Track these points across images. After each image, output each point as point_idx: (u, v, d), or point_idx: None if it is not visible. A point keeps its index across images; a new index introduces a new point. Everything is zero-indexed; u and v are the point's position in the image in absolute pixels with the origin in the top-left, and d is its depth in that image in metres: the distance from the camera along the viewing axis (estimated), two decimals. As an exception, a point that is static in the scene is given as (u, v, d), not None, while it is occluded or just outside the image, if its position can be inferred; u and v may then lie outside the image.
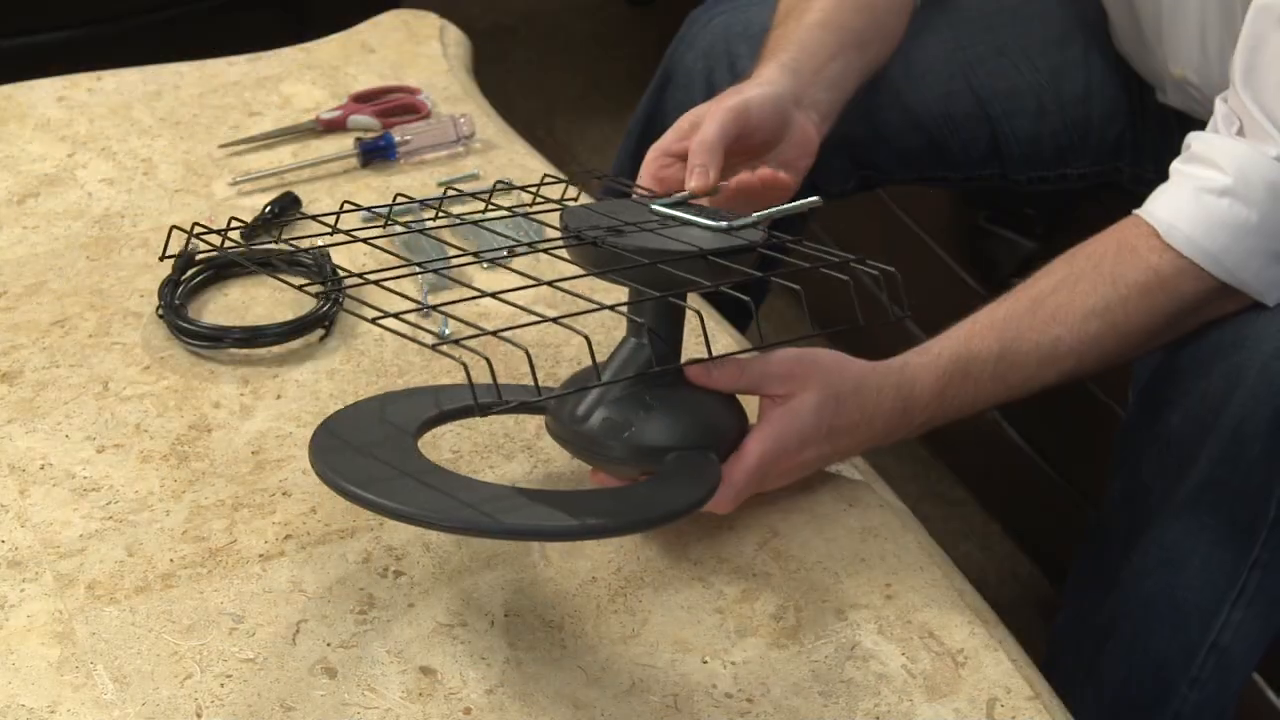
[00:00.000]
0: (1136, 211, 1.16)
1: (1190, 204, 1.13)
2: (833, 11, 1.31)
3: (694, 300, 1.27)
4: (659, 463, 1.06)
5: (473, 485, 1.01)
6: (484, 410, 1.05)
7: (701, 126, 1.17)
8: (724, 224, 1.09)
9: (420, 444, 1.11)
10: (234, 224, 1.10)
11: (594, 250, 1.05)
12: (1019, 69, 1.53)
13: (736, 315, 1.40)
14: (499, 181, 1.20)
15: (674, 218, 1.11)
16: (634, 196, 1.18)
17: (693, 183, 1.14)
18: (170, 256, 1.09)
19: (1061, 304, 1.14)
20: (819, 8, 1.31)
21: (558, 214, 1.12)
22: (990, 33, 1.54)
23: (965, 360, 1.13)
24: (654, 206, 1.12)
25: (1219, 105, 1.17)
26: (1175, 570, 1.19)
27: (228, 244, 1.08)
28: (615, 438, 1.06)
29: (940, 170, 1.56)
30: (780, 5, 1.35)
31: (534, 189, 1.20)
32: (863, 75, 1.33)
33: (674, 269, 1.02)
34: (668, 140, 1.19)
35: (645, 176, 1.20)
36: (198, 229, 1.07)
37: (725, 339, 1.31)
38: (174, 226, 1.10)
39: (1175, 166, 1.17)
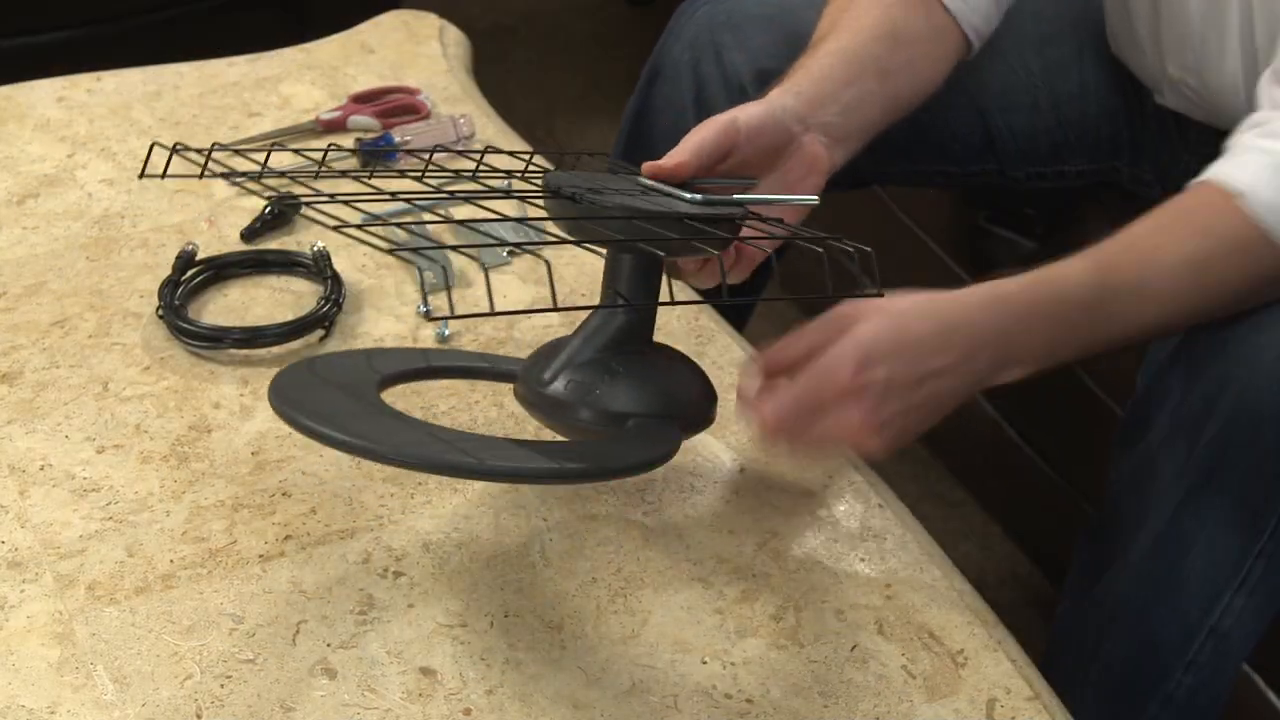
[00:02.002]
0: (1209, 178, 1.14)
1: (1273, 175, 1.11)
2: (850, 40, 1.29)
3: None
4: (620, 429, 1.05)
5: (438, 429, 1.01)
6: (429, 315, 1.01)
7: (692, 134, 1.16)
8: (699, 197, 1.08)
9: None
10: (217, 147, 1.09)
11: (570, 206, 1.03)
12: (1010, 65, 1.53)
13: (730, 313, 1.40)
14: (488, 146, 1.19)
15: (657, 189, 1.10)
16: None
17: (650, 162, 1.13)
18: (149, 176, 1.07)
19: (1160, 244, 1.12)
20: (836, 37, 1.29)
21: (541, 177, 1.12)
22: None
23: (1096, 291, 1.11)
24: (640, 180, 1.12)
25: (1273, 89, 1.16)
26: (1180, 552, 1.19)
27: (212, 165, 1.06)
28: (580, 401, 1.05)
29: (937, 164, 1.56)
30: (815, 33, 1.34)
31: (525, 155, 1.19)
32: (886, 105, 1.31)
33: (650, 226, 1.00)
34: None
35: None
36: (179, 146, 1.06)
37: (723, 338, 1.31)
38: (155, 143, 1.09)
39: (1250, 140, 1.15)
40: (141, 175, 1.07)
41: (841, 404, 1.04)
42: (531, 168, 1.17)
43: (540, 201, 1.07)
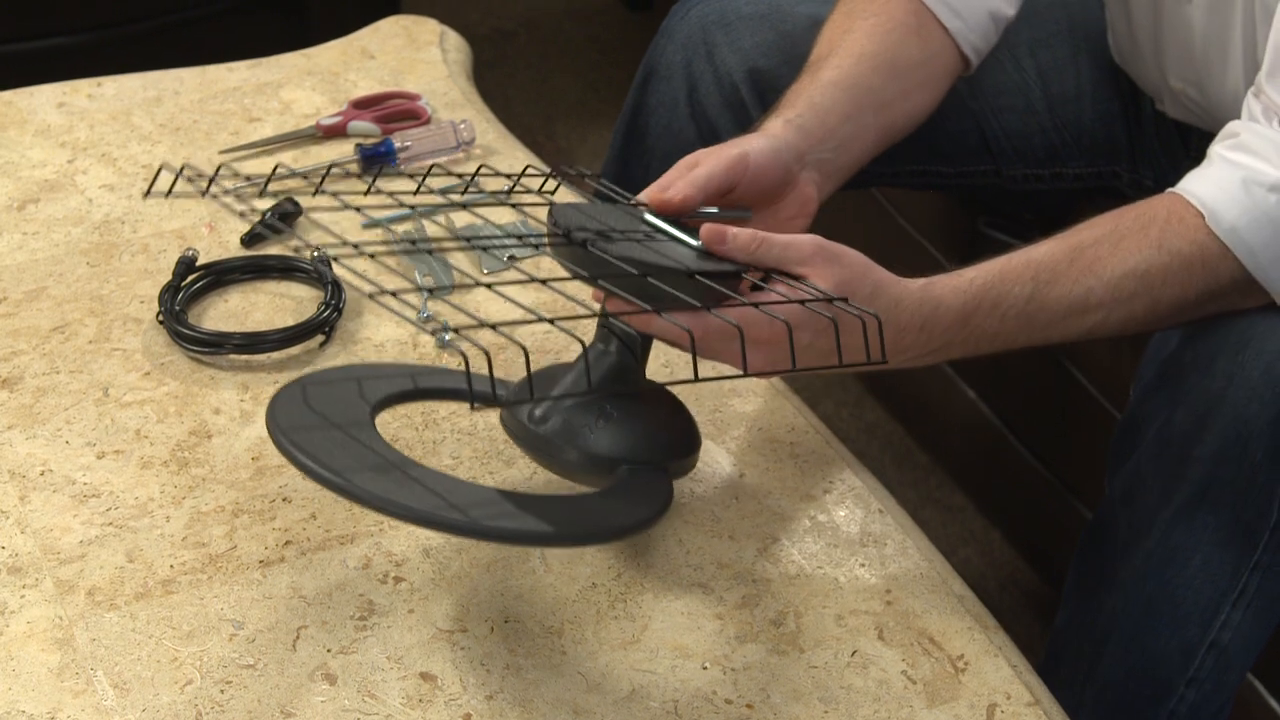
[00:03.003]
0: (1178, 191, 1.15)
1: (1239, 193, 1.12)
2: (850, 70, 1.27)
3: None
4: (610, 474, 1.06)
5: (428, 474, 1.01)
6: (474, 402, 1.01)
7: (699, 166, 1.15)
8: (699, 243, 1.07)
9: (421, 450, 1.11)
10: (224, 169, 1.09)
11: (579, 252, 1.03)
12: (1003, 66, 1.53)
13: None
14: (482, 165, 1.19)
15: (661, 230, 1.09)
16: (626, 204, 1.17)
17: (646, 192, 1.11)
18: (156, 194, 1.07)
19: (1101, 256, 1.13)
20: (837, 65, 1.27)
21: (545, 207, 1.12)
22: None
23: (997, 293, 1.11)
24: (644, 215, 1.11)
25: (1251, 100, 1.17)
26: (1176, 569, 1.19)
27: (214, 191, 1.07)
28: (570, 443, 1.05)
29: (932, 163, 1.56)
30: (812, 53, 1.33)
31: (515, 177, 1.19)
32: (879, 136, 1.29)
33: (660, 283, 1.00)
34: (665, 178, 1.15)
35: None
36: (188, 171, 1.06)
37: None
38: (164, 165, 1.10)
39: (1219, 152, 1.16)
40: (146, 195, 1.08)
41: (755, 346, 1.02)
42: (529, 181, 1.17)
43: (545, 213, 1.07)
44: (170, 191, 1.04)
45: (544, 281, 1.04)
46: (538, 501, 1.06)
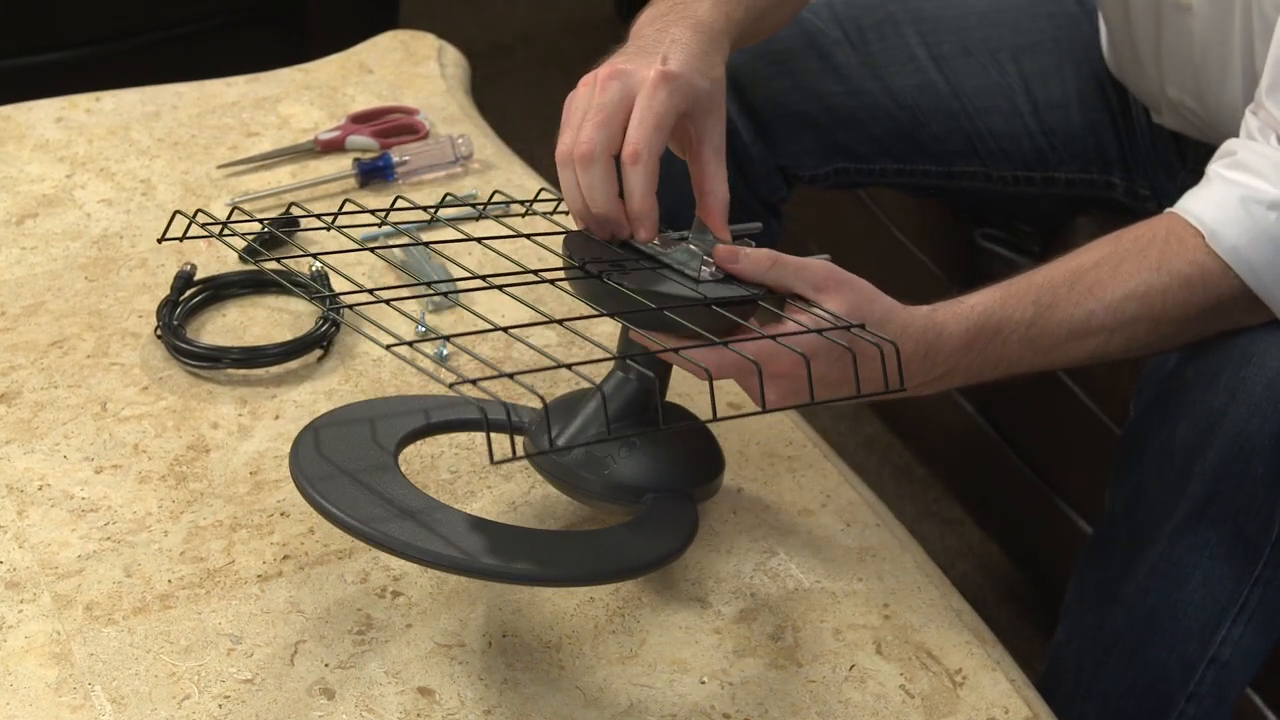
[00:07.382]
0: (1177, 211, 1.15)
1: (1238, 212, 1.13)
2: None
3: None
4: (635, 502, 1.06)
5: (452, 517, 1.01)
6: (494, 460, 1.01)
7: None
8: (715, 267, 1.06)
9: (419, 463, 1.11)
10: (236, 211, 1.10)
11: (595, 284, 1.03)
12: (987, 70, 1.54)
13: None
14: (496, 192, 1.20)
15: (672, 247, 1.08)
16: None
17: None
18: (170, 239, 1.08)
19: (1101, 280, 1.13)
20: None
21: (555, 231, 1.12)
22: (957, 33, 1.56)
23: (998, 318, 1.11)
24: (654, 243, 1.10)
25: (1250, 117, 1.17)
26: (1177, 584, 1.20)
27: (227, 234, 1.07)
28: (594, 473, 1.05)
29: (920, 160, 1.57)
30: None
31: (529, 202, 1.20)
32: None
33: (677, 317, 1.00)
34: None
35: None
36: (201, 217, 1.07)
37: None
38: (177, 211, 1.10)
39: (1217, 170, 1.16)
40: (161, 240, 1.08)
41: (772, 380, 1.03)
42: (540, 206, 1.17)
43: (559, 242, 1.07)
44: (184, 236, 1.05)
45: (551, 281, 1.04)
46: (562, 540, 1.06)
